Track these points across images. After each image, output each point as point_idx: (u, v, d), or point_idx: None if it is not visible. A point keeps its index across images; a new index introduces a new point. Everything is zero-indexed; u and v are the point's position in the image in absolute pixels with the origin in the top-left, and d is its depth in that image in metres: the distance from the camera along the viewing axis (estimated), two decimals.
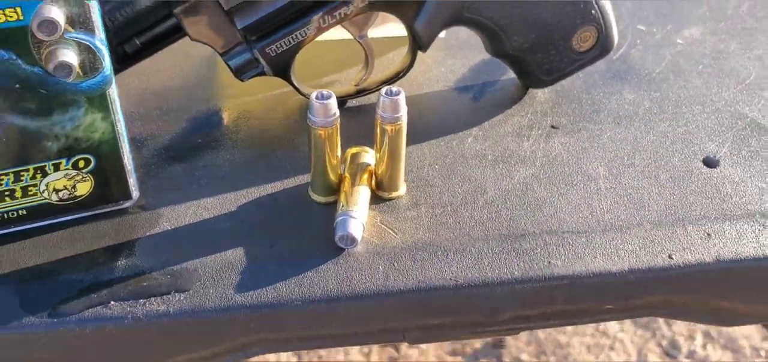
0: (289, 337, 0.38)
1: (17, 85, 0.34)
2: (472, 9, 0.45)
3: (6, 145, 0.36)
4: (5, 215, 0.38)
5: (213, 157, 0.45)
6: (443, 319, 0.39)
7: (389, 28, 0.51)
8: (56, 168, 0.37)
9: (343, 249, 0.39)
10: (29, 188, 0.38)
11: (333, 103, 0.39)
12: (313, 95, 0.39)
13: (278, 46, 0.45)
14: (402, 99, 0.39)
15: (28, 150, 0.36)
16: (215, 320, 0.37)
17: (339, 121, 0.39)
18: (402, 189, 0.43)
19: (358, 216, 0.39)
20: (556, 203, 0.42)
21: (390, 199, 0.42)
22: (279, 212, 0.41)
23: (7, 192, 0.37)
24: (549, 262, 0.39)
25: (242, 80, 0.46)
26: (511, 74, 0.51)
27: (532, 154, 0.45)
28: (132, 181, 0.40)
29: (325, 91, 0.39)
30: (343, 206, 0.40)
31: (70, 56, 0.34)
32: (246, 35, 0.44)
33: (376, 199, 0.42)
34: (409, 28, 0.46)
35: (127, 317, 0.36)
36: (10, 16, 0.33)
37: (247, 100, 0.50)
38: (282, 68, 0.46)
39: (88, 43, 0.34)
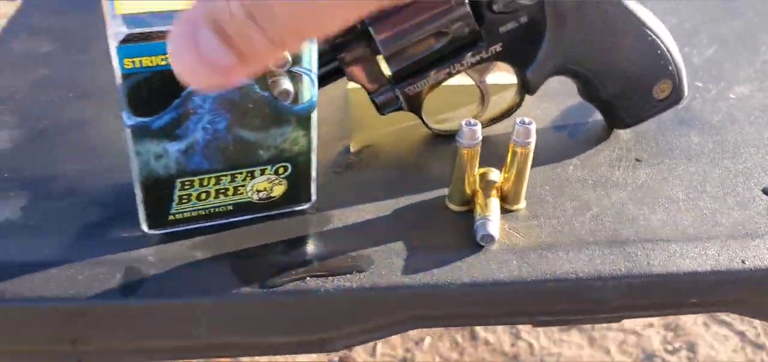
0: (442, 315, 0.47)
1: (250, 105, 0.44)
2: (575, 62, 0.56)
3: (232, 151, 0.46)
4: (218, 208, 0.48)
5: (362, 175, 0.55)
6: (564, 305, 0.48)
7: (498, 76, 0.62)
8: (262, 173, 0.47)
9: (482, 247, 0.49)
10: (239, 188, 0.47)
11: (478, 129, 0.49)
12: (463, 122, 0.49)
13: (416, 86, 0.55)
14: (533, 128, 0.49)
15: (246, 157, 0.46)
16: (387, 296, 0.46)
17: (479, 147, 0.50)
18: (523, 204, 0.52)
19: (495, 219, 0.49)
20: (648, 218, 0.52)
21: (513, 211, 0.52)
22: (424, 216, 0.51)
23: (222, 190, 0.47)
24: (648, 263, 0.48)
25: (383, 114, 0.56)
26: (596, 116, 0.61)
27: (623, 180, 0.55)
28: (313, 187, 0.50)
29: (471, 120, 0.49)
30: (481, 212, 0.50)
31: (289, 85, 0.44)
32: (393, 78, 0.55)
33: (502, 210, 0.52)
34: (521, 75, 0.57)
35: (320, 290, 0.45)
36: None
37: (378, 132, 0.60)
38: (416, 105, 0.56)
39: (304, 74, 0.45)
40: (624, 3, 0.56)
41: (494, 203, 0.50)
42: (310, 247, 0.48)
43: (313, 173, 0.49)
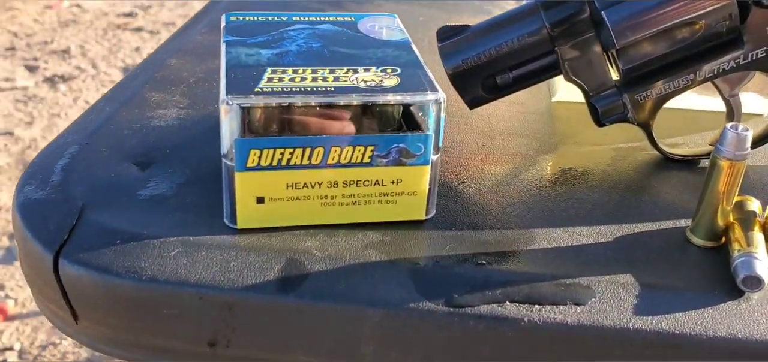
0: None
1: None
2: None
3: None
4: (317, 89, 0.38)
5: (574, 193, 0.44)
6: None
7: (746, 99, 0.50)
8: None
9: (742, 293, 0.36)
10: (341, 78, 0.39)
11: (748, 136, 0.37)
12: (728, 126, 0.37)
13: (649, 93, 0.44)
14: None
15: None
16: (614, 339, 0.35)
17: (746, 162, 0.38)
18: None
19: (763, 259, 0.36)
20: None
21: None
22: (658, 248, 0.40)
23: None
24: None
25: (602, 125, 0.46)
26: None
27: None
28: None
29: (740, 125, 0.37)
30: (741, 248, 0.37)
31: None
32: (621, 78, 0.44)
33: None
34: None
35: (523, 320, 0.35)
36: None
37: (592, 149, 0.49)
38: (646, 116, 0.45)
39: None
40: None
41: (759, 239, 0.38)
42: (512, 265, 0.38)
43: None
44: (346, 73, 0.39)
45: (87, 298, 0.37)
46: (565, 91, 0.53)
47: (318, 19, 0.46)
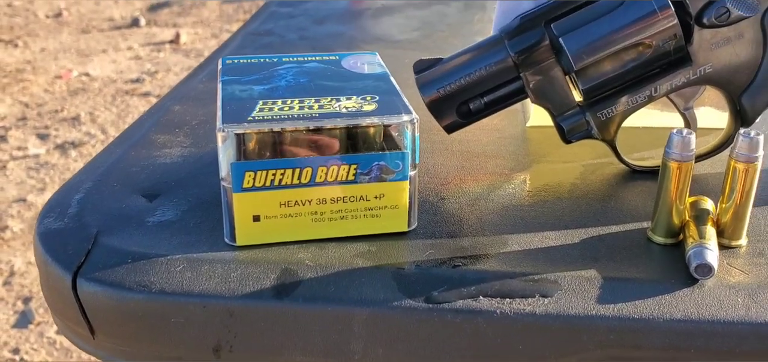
0: (645, 355, 0.38)
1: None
2: None
3: None
4: (301, 116, 0.43)
5: (545, 205, 0.48)
6: None
7: (704, 113, 0.54)
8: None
9: (696, 280, 0.40)
10: (325, 106, 0.44)
11: (692, 139, 0.41)
12: (673, 131, 0.41)
13: (610, 111, 0.49)
14: (761, 140, 0.40)
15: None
16: (579, 327, 0.38)
17: (693, 163, 0.41)
18: (743, 240, 0.43)
19: (714, 249, 0.40)
20: None
21: (731, 247, 0.43)
22: (621, 248, 0.43)
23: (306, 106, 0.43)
24: None
25: (569, 142, 0.50)
26: None
27: None
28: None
29: (684, 129, 0.41)
30: (695, 240, 0.41)
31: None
32: (583, 99, 0.49)
33: (718, 246, 0.43)
34: (734, 102, 0.49)
35: (495, 313, 0.38)
36: None
37: (563, 166, 0.53)
38: (609, 133, 0.49)
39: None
40: None
41: (711, 232, 0.42)
42: (485, 265, 0.41)
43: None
44: (330, 101, 0.44)
45: (103, 313, 0.41)
46: (538, 116, 0.57)
47: (305, 59, 0.51)
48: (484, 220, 0.46)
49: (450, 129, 0.51)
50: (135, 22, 3.82)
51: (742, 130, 0.41)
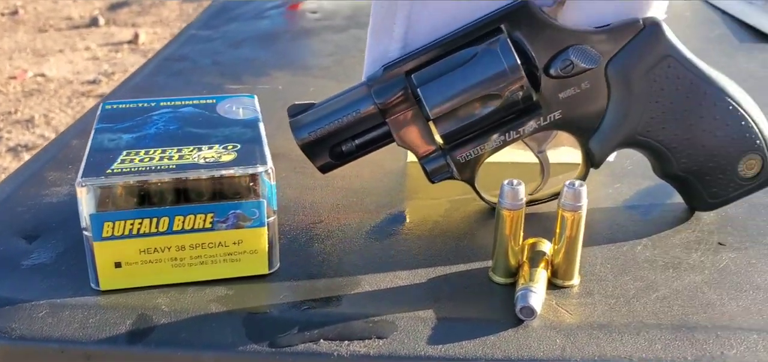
0: None
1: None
2: (644, 132, 0.51)
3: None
4: (160, 168, 0.46)
5: (404, 242, 0.51)
6: None
7: (564, 153, 0.58)
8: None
9: (522, 321, 0.43)
10: (185, 156, 0.46)
11: (521, 190, 0.44)
12: (505, 182, 0.45)
13: (468, 154, 0.52)
14: (584, 191, 0.44)
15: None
16: None
17: (524, 209, 0.45)
18: (576, 280, 0.47)
19: (538, 292, 0.44)
20: (727, 305, 0.44)
21: (565, 287, 0.46)
22: (463, 287, 0.47)
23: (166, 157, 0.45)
24: (722, 353, 0.41)
25: (433, 182, 0.53)
26: (676, 199, 0.55)
27: (700, 263, 0.48)
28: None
29: (514, 180, 0.45)
30: (523, 282, 0.44)
31: None
32: (443, 143, 0.52)
33: (551, 286, 0.46)
34: (584, 146, 0.52)
35: (333, 355, 0.42)
36: None
37: (432, 202, 0.56)
38: (468, 175, 0.53)
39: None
40: (700, 68, 0.50)
41: (541, 275, 0.45)
42: (330, 309, 0.44)
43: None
44: (191, 151, 0.46)
45: None
46: None
47: (182, 103, 0.53)
48: (344, 261, 0.49)
49: (324, 170, 0.54)
50: (93, 22, 3.79)
51: (567, 181, 0.44)
